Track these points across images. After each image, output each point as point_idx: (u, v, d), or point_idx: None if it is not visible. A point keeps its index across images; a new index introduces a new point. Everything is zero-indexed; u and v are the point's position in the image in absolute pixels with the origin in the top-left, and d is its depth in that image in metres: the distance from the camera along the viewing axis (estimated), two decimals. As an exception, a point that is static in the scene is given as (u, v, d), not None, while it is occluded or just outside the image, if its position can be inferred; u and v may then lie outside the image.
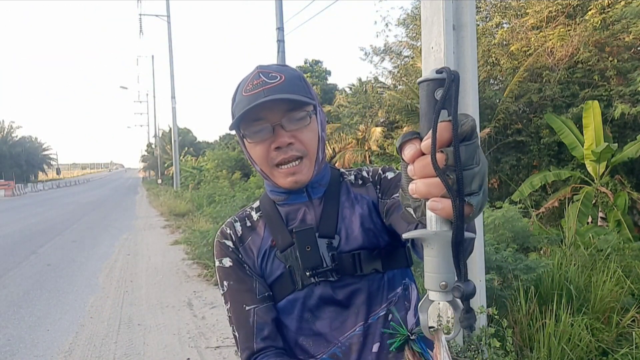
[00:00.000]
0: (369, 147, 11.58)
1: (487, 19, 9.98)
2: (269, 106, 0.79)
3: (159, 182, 28.74)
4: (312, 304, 0.84)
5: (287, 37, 7.48)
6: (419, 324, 0.79)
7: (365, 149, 11.72)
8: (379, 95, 12.09)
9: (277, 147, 0.81)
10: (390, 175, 0.91)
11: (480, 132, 3.11)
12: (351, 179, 0.94)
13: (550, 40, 7.56)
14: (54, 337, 3.87)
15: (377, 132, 11.62)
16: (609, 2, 7.33)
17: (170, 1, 21.13)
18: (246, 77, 0.84)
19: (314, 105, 0.84)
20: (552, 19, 8.12)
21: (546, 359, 2.60)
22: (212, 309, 4.47)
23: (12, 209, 17.68)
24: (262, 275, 0.88)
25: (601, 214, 6.02)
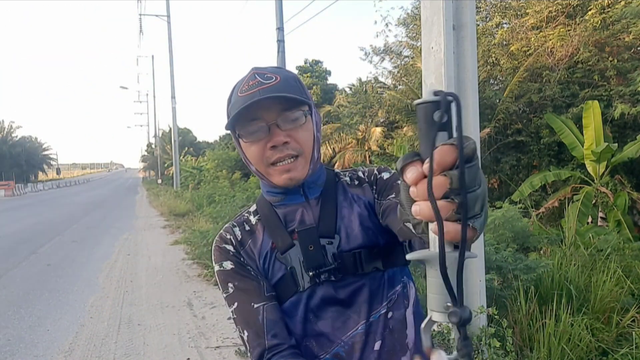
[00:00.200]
0: (369, 147, 11.59)
1: (487, 19, 9.99)
2: (264, 105, 0.79)
3: (159, 182, 28.74)
4: (314, 304, 0.85)
5: (287, 37, 7.49)
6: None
7: (365, 149, 11.73)
8: (379, 95, 12.10)
9: (273, 146, 0.81)
10: (385, 175, 0.91)
11: (480, 132, 3.11)
12: (347, 180, 0.94)
13: (550, 40, 7.56)
14: (54, 337, 3.87)
15: (377, 132, 11.62)
16: (609, 2, 7.33)
17: (170, 1, 21.14)
18: (242, 79, 0.85)
19: (309, 105, 0.84)
20: (552, 19, 8.12)
21: (546, 359, 2.60)
22: (212, 309, 4.47)
23: (12, 209, 17.68)
24: (266, 277, 0.88)
25: (601, 214, 6.02)
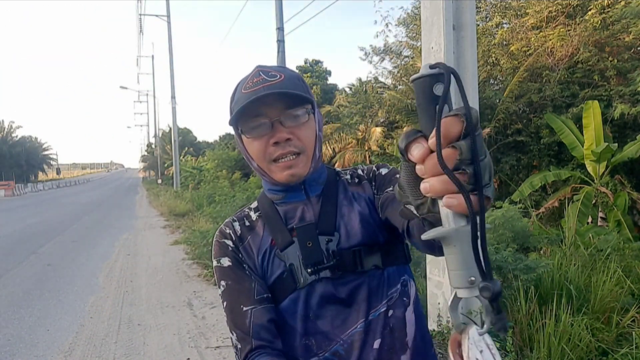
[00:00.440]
0: (369, 147, 11.58)
1: (487, 19, 9.98)
2: (268, 102, 0.80)
3: (159, 182, 28.74)
4: (314, 302, 0.85)
5: (287, 37, 7.48)
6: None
7: (365, 149, 11.72)
8: (379, 95, 12.09)
9: (275, 143, 0.81)
10: (384, 171, 0.91)
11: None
12: (347, 178, 0.94)
13: (550, 40, 7.56)
14: (54, 337, 3.87)
15: (377, 132, 11.61)
16: (609, 2, 7.33)
17: (170, 1, 21.14)
18: (246, 76, 0.85)
19: (312, 104, 0.85)
20: (552, 19, 8.12)
21: (546, 359, 2.60)
22: (212, 309, 4.47)
23: (12, 209, 17.68)
24: (263, 275, 0.88)
25: (601, 214, 6.02)
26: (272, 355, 0.81)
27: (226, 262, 0.88)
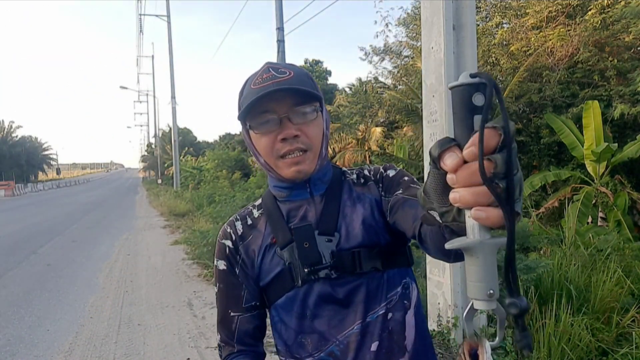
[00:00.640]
0: (369, 147, 11.59)
1: (487, 19, 9.99)
2: (277, 98, 0.80)
3: (159, 182, 28.74)
4: (311, 301, 0.84)
5: (287, 37, 7.48)
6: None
7: (365, 149, 11.73)
8: (379, 95, 12.10)
9: (284, 139, 0.81)
10: (391, 173, 0.91)
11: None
12: (353, 178, 0.94)
13: (550, 40, 7.56)
14: (54, 337, 3.87)
15: (377, 132, 11.63)
16: (609, 2, 7.34)
17: (170, 1, 21.13)
18: (255, 73, 0.86)
19: (321, 102, 0.85)
20: (552, 19, 8.12)
21: (546, 359, 2.60)
22: (212, 309, 4.47)
23: (12, 209, 17.69)
24: (261, 273, 0.88)
25: (601, 214, 6.02)
26: (249, 358, 0.91)
27: (222, 265, 0.92)
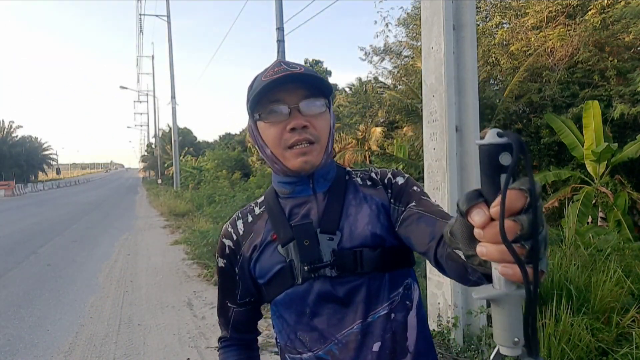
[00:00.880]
0: (369, 147, 11.59)
1: (487, 19, 9.99)
2: (288, 89, 0.82)
3: (159, 182, 28.74)
4: (311, 299, 0.84)
5: (287, 37, 7.48)
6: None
7: (365, 149, 11.73)
8: (379, 95, 12.10)
9: (292, 129, 0.82)
10: (400, 180, 0.90)
11: (480, 132, 3.11)
12: (359, 180, 0.94)
13: (550, 40, 7.56)
14: (54, 337, 3.87)
15: (377, 132, 11.63)
16: (609, 2, 7.34)
17: (170, 1, 21.13)
18: (266, 67, 0.87)
19: (329, 98, 0.87)
20: (552, 19, 8.12)
21: (546, 359, 2.60)
22: (212, 309, 4.47)
23: (12, 209, 17.69)
24: (259, 270, 0.89)
25: (601, 214, 6.02)
26: (239, 348, 1.00)
27: (221, 263, 0.96)
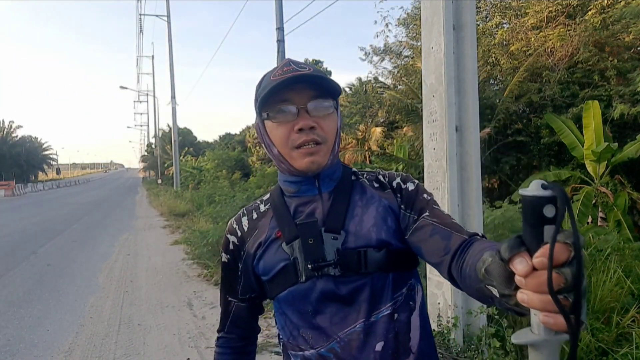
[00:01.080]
0: (369, 147, 11.59)
1: (487, 19, 9.99)
2: (296, 89, 0.82)
3: (159, 182, 28.74)
4: (314, 297, 0.85)
5: (287, 37, 7.47)
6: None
7: (365, 149, 11.73)
8: (379, 95, 12.10)
9: (300, 129, 0.82)
10: (411, 187, 0.90)
11: (480, 132, 3.11)
12: (367, 180, 0.94)
13: (550, 40, 7.56)
14: (54, 337, 3.87)
15: (377, 132, 11.63)
16: (609, 2, 7.34)
17: (170, 1, 21.14)
18: (275, 67, 0.88)
19: (337, 101, 0.87)
20: (552, 19, 8.12)
21: (546, 359, 2.59)
22: (212, 309, 4.47)
23: (12, 209, 17.68)
24: (262, 267, 0.89)
25: (601, 214, 6.02)
26: (234, 352, 1.00)
27: (224, 258, 0.97)
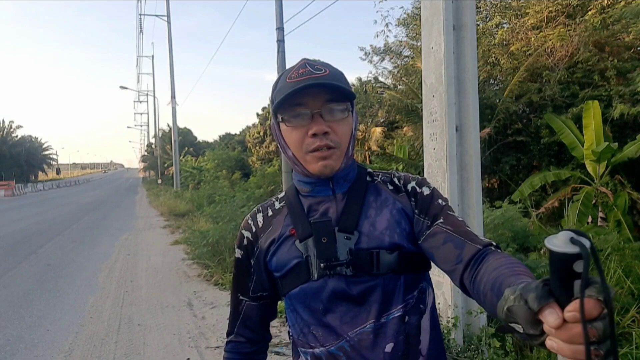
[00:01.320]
0: (369, 147, 11.58)
1: (487, 19, 9.99)
2: (312, 93, 0.82)
3: (159, 182, 28.73)
4: (325, 295, 0.85)
5: (287, 37, 7.47)
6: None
7: (365, 149, 11.72)
8: (379, 95, 12.10)
9: (314, 134, 0.83)
10: (426, 191, 0.90)
11: (480, 132, 3.10)
12: (381, 182, 0.94)
13: (550, 40, 7.56)
14: (54, 337, 3.87)
15: (377, 132, 11.63)
16: (609, 2, 7.34)
17: (170, 1, 21.15)
18: (291, 67, 0.87)
19: (352, 102, 0.87)
20: (552, 19, 8.12)
21: (546, 359, 2.60)
22: (212, 309, 4.47)
23: (12, 209, 17.68)
24: (275, 264, 0.90)
25: (601, 214, 6.02)
26: (243, 357, 0.99)
27: (238, 254, 0.97)
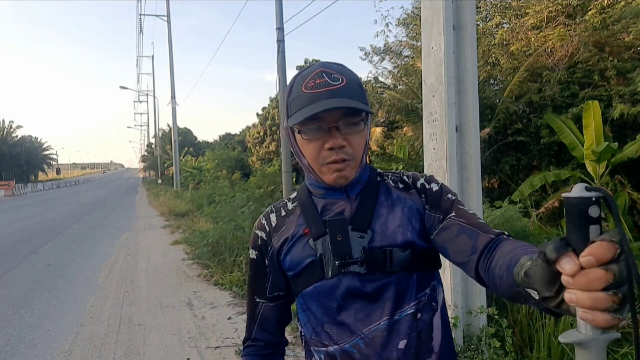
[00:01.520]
0: (369, 147, 11.58)
1: (487, 19, 9.99)
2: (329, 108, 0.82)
3: (159, 182, 28.72)
4: (339, 293, 0.86)
5: (287, 37, 7.47)
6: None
7: (365, 149, 11.70)
8: (379, 95, 12.08)
9: (331, 148, 0.84)
10: (435, 187, 0.92)
11: (480, 132, 3.10)
12: (392, 181, 0.96)
13: (550, 40, 7.56)
14: (54, 337, 3.87)
15: (377, 132, 11.62)
16: (609, 2, 7.34)
17: (170, 1, 21.14)
18: (307, 72, 0.86)
19: (367, 113, 0.87)
20: (552, 19, 8.12)
21: (546, 359, 2.60)
22: (212, 309, 4.47)
23: (12, 209, 17.68)
24: (289, 263, 0.91)
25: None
26: (262, 359, 0.99)
27: (253, 254, 0.98)
